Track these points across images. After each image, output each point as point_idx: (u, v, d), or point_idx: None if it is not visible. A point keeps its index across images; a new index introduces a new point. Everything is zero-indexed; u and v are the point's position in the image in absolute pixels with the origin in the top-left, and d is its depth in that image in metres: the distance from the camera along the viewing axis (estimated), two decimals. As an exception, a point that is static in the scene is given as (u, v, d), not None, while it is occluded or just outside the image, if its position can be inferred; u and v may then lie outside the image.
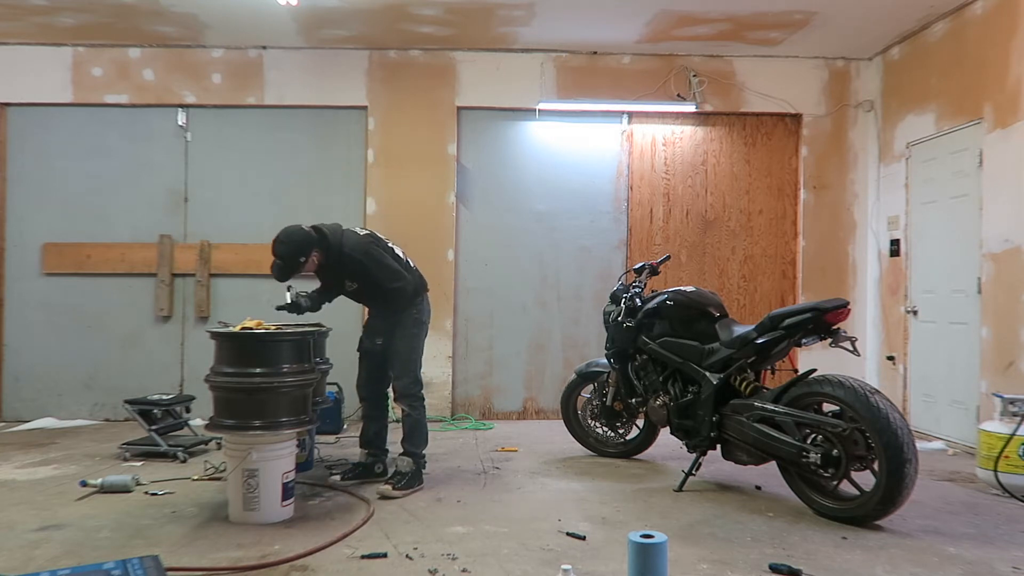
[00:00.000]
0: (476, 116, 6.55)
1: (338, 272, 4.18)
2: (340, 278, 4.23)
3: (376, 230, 6.33)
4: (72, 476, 4.30)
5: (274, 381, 3.47)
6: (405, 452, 4.10)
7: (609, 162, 6.63)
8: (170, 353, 6.40)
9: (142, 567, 2.33)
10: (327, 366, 4.65)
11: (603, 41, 6.30)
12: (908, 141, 6.03)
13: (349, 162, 6.52)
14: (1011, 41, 4.87)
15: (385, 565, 2.94)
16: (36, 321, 6.37)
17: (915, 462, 3.32)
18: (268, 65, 6.42)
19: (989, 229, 5.04)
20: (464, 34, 6.13)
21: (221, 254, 6.41)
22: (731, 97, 6.58)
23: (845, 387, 3.46)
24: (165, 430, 4.91)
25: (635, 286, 4.62)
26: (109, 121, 6.44)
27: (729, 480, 4.30)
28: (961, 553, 3.14)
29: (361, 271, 4.11)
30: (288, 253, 3.99)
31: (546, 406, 6.52)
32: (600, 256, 6.61)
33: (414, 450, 4.11)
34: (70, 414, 6.30)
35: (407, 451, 4.10)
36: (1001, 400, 4.15)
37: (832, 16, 5.66)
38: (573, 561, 2.92)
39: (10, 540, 3.21)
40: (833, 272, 6.62)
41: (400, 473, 4.01)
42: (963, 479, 4.45)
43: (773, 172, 6.70)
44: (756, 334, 3.88)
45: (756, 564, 2.96)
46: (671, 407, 4.24)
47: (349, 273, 4.17)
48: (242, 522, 3.43)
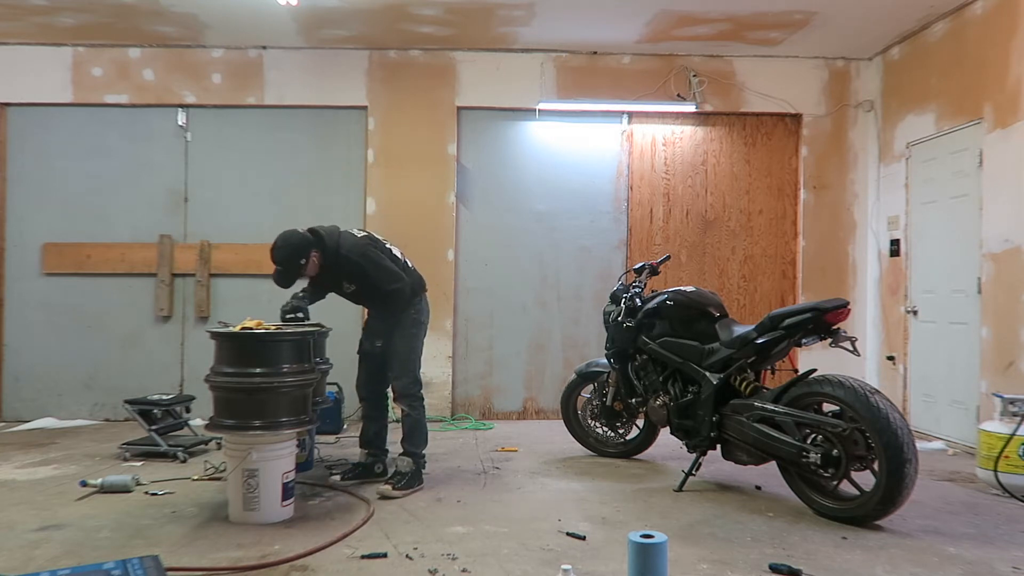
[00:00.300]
0: (476, 116, 6.55)
1: (335, 274, 4.17)
2: (338, 280, 4.22)
3: (376, 230, 6.37)
4: (72, 476, 4.30)
5: (274, 381, 3.47)
6: (405, 452, 4.10)
7: (609, 162, 6.63)
8: (170, 353, 6.40)
9: (142, 567, 2.33)
10: (327, 366, 4.65)
11: (603, 41, 6.30)
12: (908, 141, 6.03)
13: (349, 162, 6.52)
14: (1011, 41, 4.87)
15: (385, 565, 2.94)
16: (36, 321, 6.37)
17: (915, 462, 3.32)
18: (268, 65, 6.42)
19: (989, 229, 5.04)
20: (464, 34, 6.13)
21: (221, 254, 6.41)
22: (731, 97, 6.58)
23: (845, 387, 3.46)
24: (165, 430, 4.91)
25: (635, 286, 4.62)
26: (109, 121, 6.44)
27: (729, 480, 4.30)
28: (961, 553, 3.14)
29: (359, 272, 4.11)
30: (287, 257, 4.01)
31: (546, 406, 6.52)
32: (600, 256, 6.61)
33: (414, 450, 4.11)
34: (70, 414, 6.30)
35: (407, 451, 4.10)
36: (1001, 400, 4.15)
37: (832, 16, 5.66)
38: (573, 561, 2.92)
39: (10, 540, 3.21)
40: (833, 272, 6.62)
41: (400, 473, 4.01)
42: (963, 479, 4.45)
43: (773, 172, 6.70)
44: (756, 334, 3.88)
45: (756, 564, 2.96)
46: (671, 407, 4.24)
47: (347, 274, 4.16)
48: (242, 522, 3.43)
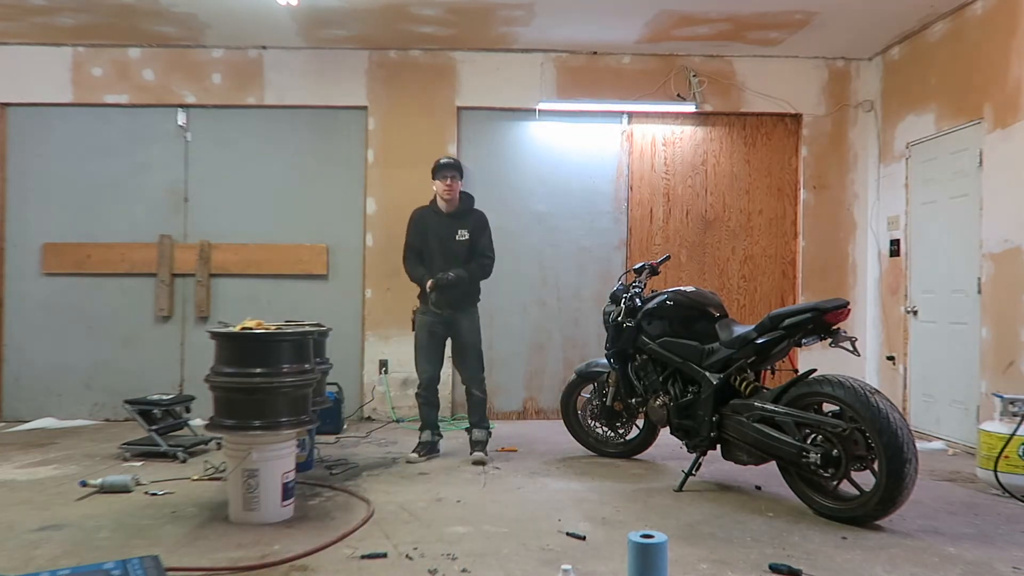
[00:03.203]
0: (476, 116, 6.55)
1: (461, 212, 4.83)
2: (456, 227, 4.80)
3: (376, 230, 6.42)
4: (72, 476, 4.30)
5: (274, 381, 3.47)
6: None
7: (609, 162, 6.63)
8: (170, 353, 6.40)
9: (142, 567, 2.33)
10: (327, 366, 4.64)
11: (603, 41, 6.30)
12: (908, 141, 6.03)
13: (349, 162, 6.52)
14: (1011, 41, 4.87)
15: (385, 565, 2.94)
16: (36, 321, 6.37)
17: (915, 462, 3.32)
18: (268, 65, 6.42)
19: (989, 229, 5.04)
20: (464, 34, 6.13)
21: (221, 254, 6.41)
22: (731, 97, 6.58)
23: (845, 387, 3.46)
24: (165, 430, 4.91)
25: (635, 286, 4.62)
26: (109, 121, 6.44)
27: (729, 480, 4.30)
28: (961, 553, 3.14)
29: (480, 225, 4.83)
30: (460, 165, 4.84)
31: (546, 406, 6.52)
32: (600, 256, 6.61)
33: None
34: (70, 414, 6.30)
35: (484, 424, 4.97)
36: (1001, 400, 4.15)
37: (832, 16, 5.66)
38: (573, 561, 2.92)
39: (10, 540, 3.21)
40: (833, 272, 6.62)
41: (483, 442, 4.85)
42: (963, 479, 4.45)
43: (773, 172, 6.70)
44: (756, 334, 3.88)
45: (756, 564, 2.96)
46: (671, 407, 4.24)
47: (471, 225, 4.81)
48: (242, 522, 3.43)
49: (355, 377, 6.38)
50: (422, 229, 4.89)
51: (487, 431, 4.93)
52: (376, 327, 6.39)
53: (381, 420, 6.29)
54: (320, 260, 6.44)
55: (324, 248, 6.45)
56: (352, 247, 6.47)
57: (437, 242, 4.81)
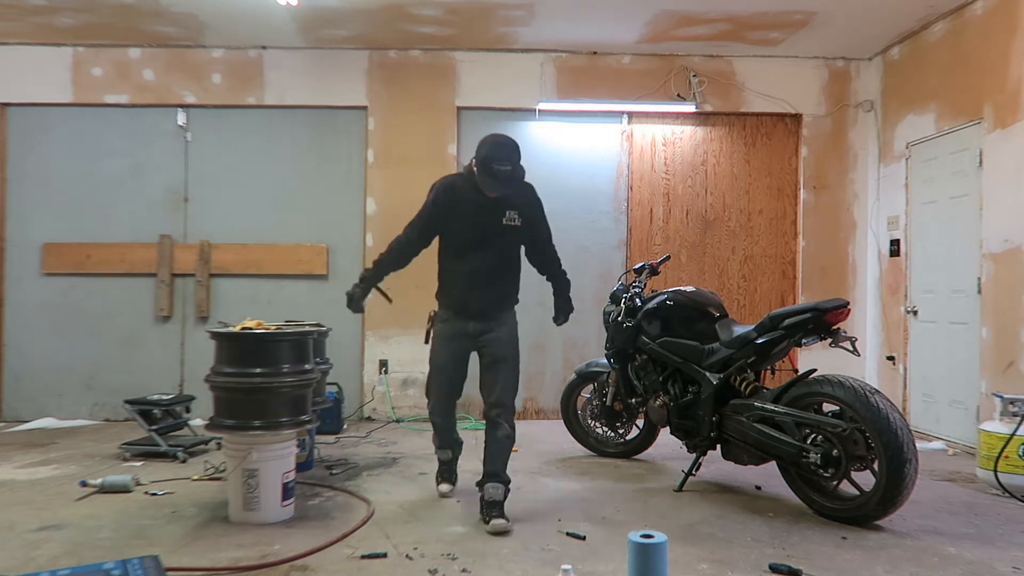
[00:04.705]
0: (476, 116, 6.55)
1: (512, 199, 3.53)
2: (503, 207, 3.51)
3: (376, 230, 6.41)
4: (72, 476, 4.30)
5: (274, 381, 3.47)
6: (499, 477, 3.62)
7: (609, 162, 6.63)
8: (170, 353, 6.40)
9: (142, 567, 2.33)
10: (327, 366, 4.64)
11: (603, 41, 6.29)
12: (908, 141, 6.03)
13: (349, 162, 6.52)
14: (1011, 41, 4.87)
15: (385, 565, 2.94)
16: (36, 321, 6.37)
17: (915, 462, 3.32)
18: (268, 65, 6.42)
19: (989, 229, 5.04)
20: (464, 34, 6.13)
21: (221, 254, 6.41)
22: (731, 97, 6.58)
23: (845, 387, 3.46)
24: (165, 430, 4.91)
25: (635, 286, 4.62)
26: (109, 121, 6.44)
27: (729, 480, 4.30)
28: (961, 553, 3.14)
29: (535, 205, 3.61)
30: (518, 155, 3.42)
31: (546, 406, 6.52)
32: (600, 256, 6.61)
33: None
34: (70, 414, 6.29)
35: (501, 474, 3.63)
36: (1001, 400, 4.15)
37: (832, 16, 5.66)
38: (573, 561, 2.92)
39: (10, 540, 3.21)
40: (833, 272, 6.62)
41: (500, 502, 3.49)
42: (963, 479, 4.45)
43: (773, 172, 6.70)
44: (756, 334, 3.88)
45: (756, 564, 2.96)
46: (671, 407, 4.23)
47: (523, 204, 3.56)
48: (242, 522, 3.43)
49: (355, 377, 6.38)
50: (450, 208, 3.54)
51: (506, 486, 3.55)
52: (376, 327, 6.39)
53: (381, 420, 6.29)
54: (320, 260, 6.44)
55: (324, 248, 6.45)
56: (352, 247, 6.47)
57: (473, 229, 3.53)
